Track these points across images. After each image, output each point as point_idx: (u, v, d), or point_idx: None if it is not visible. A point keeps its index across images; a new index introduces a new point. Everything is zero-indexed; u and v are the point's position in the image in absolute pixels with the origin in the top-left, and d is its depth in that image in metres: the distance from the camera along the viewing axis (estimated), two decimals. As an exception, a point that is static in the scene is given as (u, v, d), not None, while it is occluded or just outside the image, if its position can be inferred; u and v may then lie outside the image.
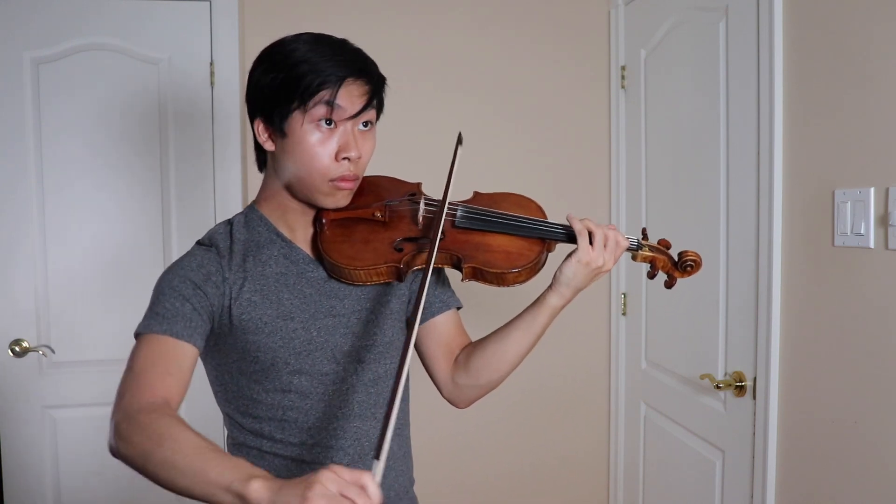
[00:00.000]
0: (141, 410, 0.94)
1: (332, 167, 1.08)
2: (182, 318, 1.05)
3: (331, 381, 1.14)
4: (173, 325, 1.04)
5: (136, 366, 1.01)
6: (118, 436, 0.95)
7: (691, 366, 2.01)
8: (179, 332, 1.04)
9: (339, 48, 1.09)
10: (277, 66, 1.07)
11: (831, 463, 1.51)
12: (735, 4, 1.78)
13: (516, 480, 2.51)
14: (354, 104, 1.07)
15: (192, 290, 1.07)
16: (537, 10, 2.43)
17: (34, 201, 2.19)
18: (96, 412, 2.25)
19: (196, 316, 1.06)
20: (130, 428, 0.94)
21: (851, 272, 1.45)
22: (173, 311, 1.05)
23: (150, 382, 0.98)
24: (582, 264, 1.13)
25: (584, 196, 2.49)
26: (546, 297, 1.18)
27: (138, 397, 0.97)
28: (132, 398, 0.97)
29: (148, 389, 0.97)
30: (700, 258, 1.21)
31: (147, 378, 0.99)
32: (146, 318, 1.06)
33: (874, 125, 1.38)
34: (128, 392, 0.98)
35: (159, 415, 0.93)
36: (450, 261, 1.16)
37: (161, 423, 0.91)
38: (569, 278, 1.15)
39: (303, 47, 1.07)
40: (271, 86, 1.07)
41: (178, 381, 1.01)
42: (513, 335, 1.20)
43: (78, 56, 2.20)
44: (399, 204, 1.20)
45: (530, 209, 1.22)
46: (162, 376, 0.99)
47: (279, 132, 1.08)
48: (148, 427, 0.92)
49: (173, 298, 1.06)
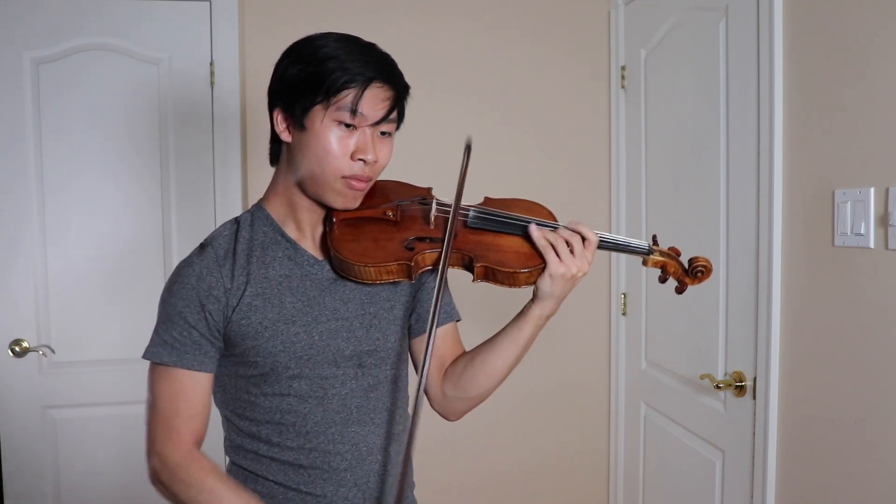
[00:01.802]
0: (180, 466, 1.06)
1: (345, 165, 1.08)
2: (191, 346, 1.09)
3: (330, 385, 1.14)
4: (183, 356, 1.09)
5: (159, 407, 1.10)
6: (160, 483, 1.07)
7: (691, 366, 2.01)
8: (190, 362, 1.09)
9: (367, 50, 1.10)
10: (305, 60, 1.07)
11: (831, 463, 1.51)
12: (735, 4, 1.78)
13: (516, 481, 2.51)
14: (376, 111, 1.07)
15: (197, 314, 1.08)
16: (537, 11, 2.43)
17: (34, 201, 2.20)
18: (96, 412, 2.26)
19: (204, 341, 1.09)
20: (173, 481, 1.06)
21: (851, 272, 1.45)
22: (182, 340, 1.09)
23: (179, 429, 1.08)
24: (556, 277, 1.11)
25: (584, 196, 2.49)
26: (530, 309, 1.16)
27: (172, 448, 1.07)
28: (165, 448, 1.07)
29: (179, 437, 1.08)
30: (710, 264, 1.20)
31: (175, 425, 1.08)
32: (155, 345, 1.10)
33: (874, 125, 1.38)
34: (159, 439, 1.08)
35: (199, 469, 1.06)
36: (461, 261, 1.15)
37: (205, 483, 1.05)
38: (547, 292, 1.13)
39: (332, 44, 1.07)
40: (297, 77, 1.07)
41: (203, 417, 1.11)
42: (499, 347, 1.18)
43: (78, 56, 2.20)
44: (410, 204, 1.20)
45: (541, 214, 1.22)
46: (188, 421, 1.09)
47: (298, 125, 1.08)
48: (191, 484, 1.05)
49: (180, 326, 1.09)
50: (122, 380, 2.22)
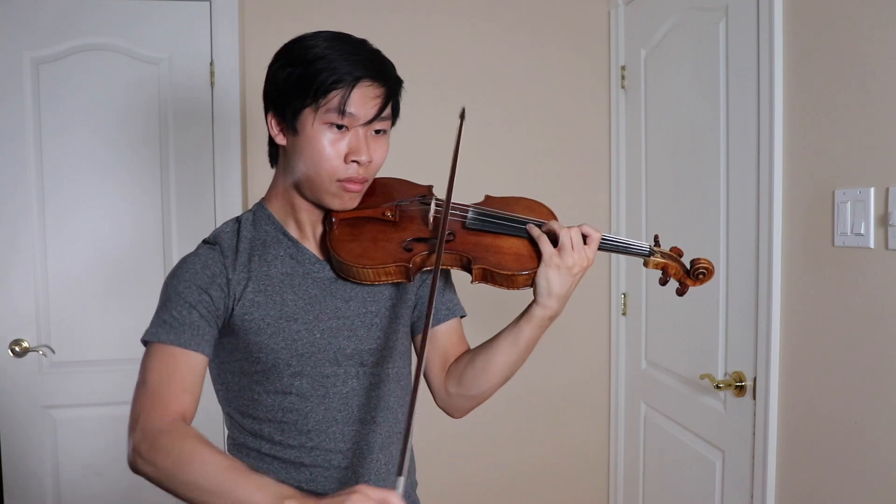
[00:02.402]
0: (162, 432, 0.96)
1: (340, 168, 1.07)
2: (190, 326, 1.05)
3: (331, 384, 1.14)
4: (181, 335, 1.05)
5: (149, 380, 1.03)
6: (140, 456, 0.97)
7: (691, 366, 2.01)
8: (187, 341, 1.05)
9: (357, 47, 1.08)
10: (294, 62, 1.06)
11: (831, 463, 1.51)
12: (735, 4, 1.78)
13: (516, 480, 2.51)
14: (367, 110, 1.06)
15: (198, 295, 1.07)
16: (537, 11, 2.43)
17: (34, 201, 2.20)
18: (96, 412, 2.26)
19: (203, 323, 1.07)
20: (153, 451, 0.96)
21: (851, 272, 1.45)
22: (181, 320, 1.05)
23: (166, 400, 1.01)
24: (551, 267, 1.10)
25: (585, 196, 2.49)
26: (531, 309, 1.14)
27: (156, 417, 0.99)
28: (150, 418, 0.99)
29: (164, 408, 1.00)
30: (712, 266, 1.19)
31: (162, 395, 1.01)
32: (154, 325, 1.07)
33: (874, 125, 1.38)
34: (144, 410, 1.00)
35: (181, 436, 0.96)
36: (459, 262, 1.15)
37: (185, 446, 0.94)
38: (545, 288, 1.11)
39: (321, 44, 1.06)
40: (286, 80, 1.06)
41: (193, 396, 1.04)
42: (499, 348, 1.17)
43: (78, 56, 2.20)
44: (410, 204, 1.19)
45: (542, 213, 1.21)
46: (177, 393, 1.02)
47: (291, 129, 1.08)
48: (171, 450, 0.94)
49: (180, 306, 1.06)
50: (123, 380, 2.20)
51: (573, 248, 1.10)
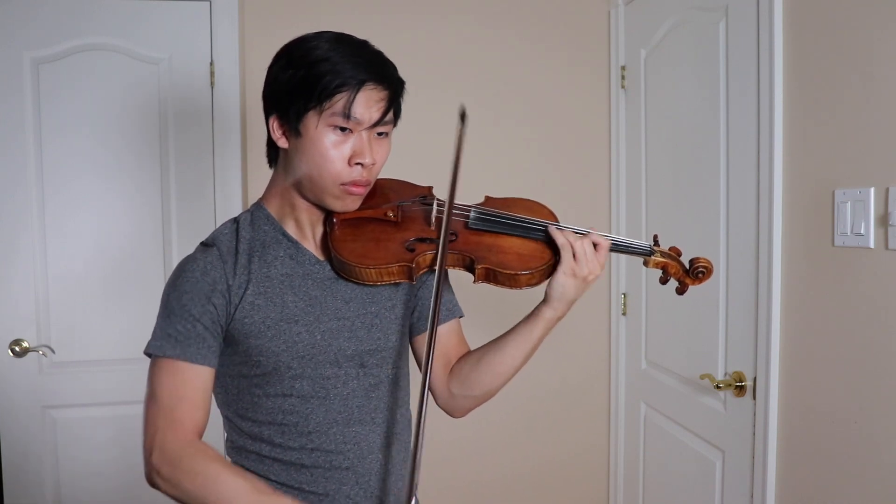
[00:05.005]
0: (183, 456, 1.01)
1: (344, 171, 1.07)
2: (195, 339, 1.06)
3: (332, 386, 1.14)
4: (187, 349, 1.06)
5: (160, 396, 1.06)
6: (161, 477, 1.02)
7: (691, 366, 2.01)
8: (193, 355, 1.06)
9: (359, 49, 1.08)
10: (296, 63, 1.05)
11: (831, 462, 1.51)
12: (735, 4, 1.78)
13: (517, 480, 2.51)
14: (371, 113, 1.06)
15: (202, 306, 1.07)
16: (537, 11, 2.43)
17: (34, 201, 2.19)
18: (96, 412, 2.26)
19: (208, 334, 1.07)
20: (178, 473, 1.00)
21: (851, 272, 1.45)
22: (185, 333, 1.06)
23: (181, 419, 1.04)
24: (569, 276, 1.14)
25: (585, 196, 2.49)
26: (541, 310, 1.17)
27: (173, 438, 1.03)
28: (167, 438, 1.03)
29: (180, 427, 1.04)
30: (711, 265, 1.20)
31: (177, 415, 1.04)
32: (158, 339, 1.08)
33: (874, 125, 1.38)
34: (160, 430, 1.03)
35: (204, 458, 1.01)
36: (462, 262, 1.15)
37: (209, 470, 1.00)
38: (559, 292, 1.15)
39: (324, 45, 1.06)
40: (289, 83, 1.05)
41: (205, 411, 1.08)
42: (508, 347, 1.19)
43: (78, 56, 2.20)
44: (411, 205, 1.19)
45: (542, 213, 1.22)
46: (191, 412, 1.05)
47: (294, 131, 1.07)
48: (194, 473, 1.00)
49: (184, 319, 1.07)
50: (123, 380, 2.22)
51: (587, 259, 1.14)
